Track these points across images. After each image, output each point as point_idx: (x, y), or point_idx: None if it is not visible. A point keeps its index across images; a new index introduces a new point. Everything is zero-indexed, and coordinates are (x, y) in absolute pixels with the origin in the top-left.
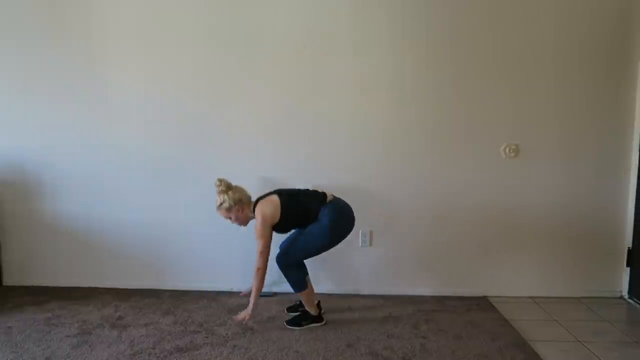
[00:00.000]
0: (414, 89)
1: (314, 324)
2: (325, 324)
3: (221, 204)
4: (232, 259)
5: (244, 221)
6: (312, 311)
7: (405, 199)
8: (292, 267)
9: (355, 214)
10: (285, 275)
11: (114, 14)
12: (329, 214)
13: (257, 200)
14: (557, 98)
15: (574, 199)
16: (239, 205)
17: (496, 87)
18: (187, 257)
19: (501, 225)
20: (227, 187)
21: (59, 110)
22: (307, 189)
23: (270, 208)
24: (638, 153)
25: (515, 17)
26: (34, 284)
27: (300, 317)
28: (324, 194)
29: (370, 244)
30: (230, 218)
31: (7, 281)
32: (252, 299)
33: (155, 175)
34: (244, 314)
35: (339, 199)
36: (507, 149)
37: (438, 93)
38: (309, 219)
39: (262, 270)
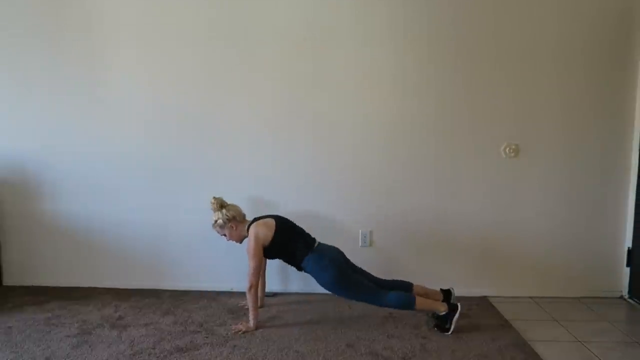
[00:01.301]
0: (415, 85)
1: (454, 316)
2: (457, 309)
3: (215, 221)
4: (232, 259)
5: (237, 238)
6: (441, 310)
7: (406, 199)
8: (381, 295)
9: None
10: (393, 307)
11: (113, 10)
12: (312, 264)
13: (254, 220)
14: (558, 98)
15: (574, 199)
16: (233, 223)
17: (497, 86)
18: (187, 257)
19: (501, 225)
20: (220, 205)
21: (59, 110)
22: (302, 228)
23: (264, 230)
24: (638, 153)
25: (517, 16)
26: (34, 284)
27: (441, 322)
28: (313, 240)
29: (370, 244)
30: (224, 235)
31: (7, 281)
32: (251, 316)
33: (155, 175)
34: (243, 327)
35: (324, 245)
36: (507, 149)
37: (438, 92)
38: (291, 255)
39: (254, 288)
